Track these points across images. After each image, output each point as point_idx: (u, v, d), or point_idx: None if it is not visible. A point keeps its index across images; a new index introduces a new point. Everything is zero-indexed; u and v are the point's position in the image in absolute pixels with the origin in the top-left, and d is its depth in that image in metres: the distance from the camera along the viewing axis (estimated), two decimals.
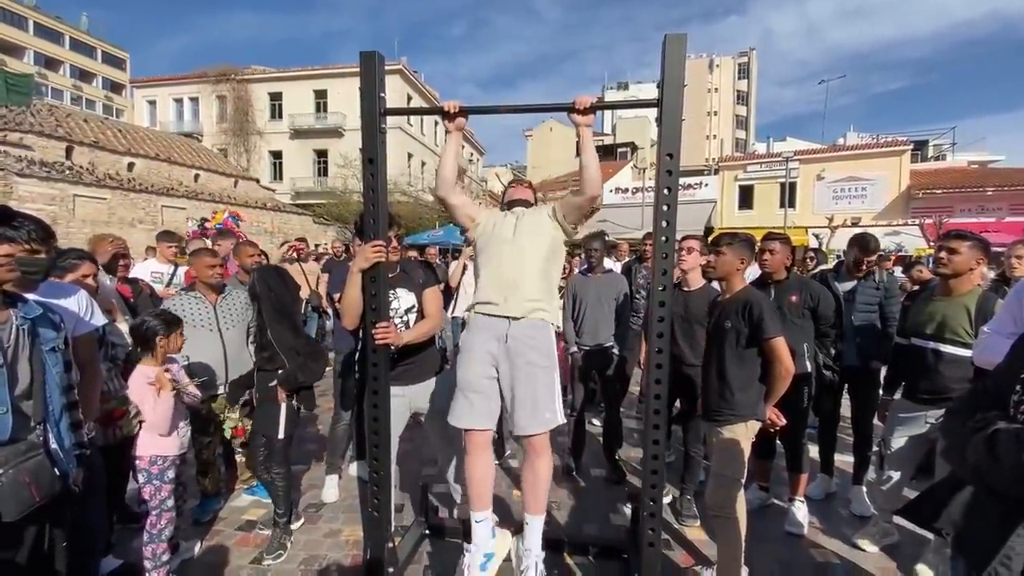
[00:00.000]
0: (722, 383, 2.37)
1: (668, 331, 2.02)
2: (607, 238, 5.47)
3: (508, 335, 2.02)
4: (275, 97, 30.43)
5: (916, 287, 3.79)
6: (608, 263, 6.26)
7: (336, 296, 3.27)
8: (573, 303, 3.76)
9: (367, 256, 2.19)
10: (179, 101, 31.96)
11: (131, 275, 3.93)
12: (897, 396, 2.84)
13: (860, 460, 3.34)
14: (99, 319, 2.20)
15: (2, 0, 37.82)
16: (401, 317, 2.58)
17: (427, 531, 2.81)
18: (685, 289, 3.11)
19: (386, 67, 2.32)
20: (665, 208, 1.98)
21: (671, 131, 1.96)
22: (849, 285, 3.40)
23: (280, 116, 30.25)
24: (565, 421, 2.12)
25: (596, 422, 4.49)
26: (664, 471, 2.10)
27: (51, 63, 40.86)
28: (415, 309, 2.60)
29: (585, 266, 4.01)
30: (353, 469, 3.59)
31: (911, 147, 21.63)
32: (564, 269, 4.71)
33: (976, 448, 0.96)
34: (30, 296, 1.89)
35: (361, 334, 2.43)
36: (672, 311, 2.05)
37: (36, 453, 1.36)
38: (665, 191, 1.98)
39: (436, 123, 32.08)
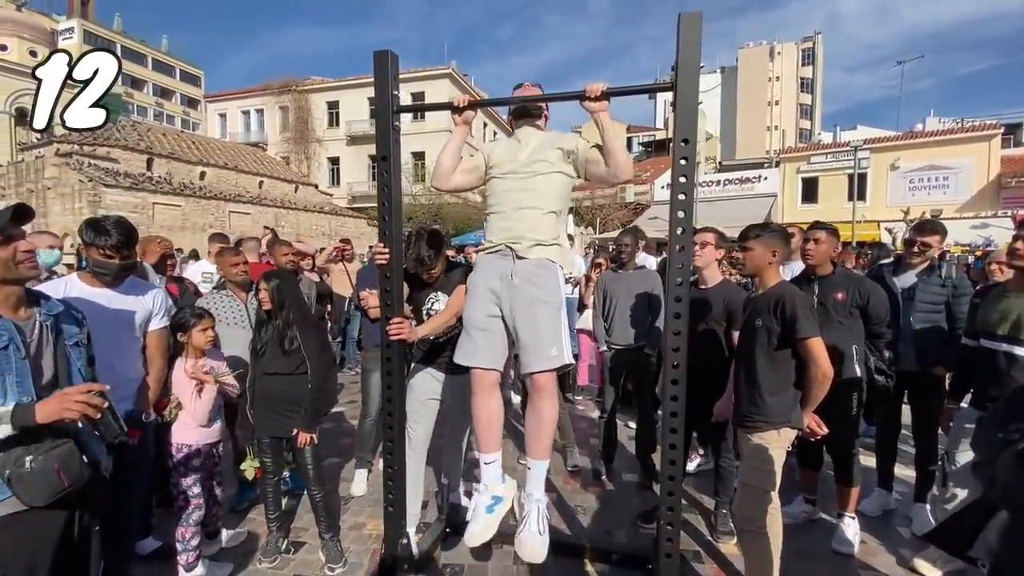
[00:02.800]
0: (752, 387, 2.19)
1: (686, 330, 1.89)
2: (653, 234, 5.29)
3: (512, 272, 1.95)
4: (332, 105, 31.78)
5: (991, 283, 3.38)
6: (650, 261, 6.04)
7: (361, 292, 3.35)
8: (604, 300, 3.64)
9: (376, 259, 2.26)
10: (246, 113, 34.07)
11: (183, 275, 4.20)
12: (964, 404, 2.55)
13: (923, 475, 3.01)
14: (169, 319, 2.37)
15: (94, 27, 41.74)
16: None
17: (448, 528, 2.81)
18: (702, 287, 2.91)
19: (435, 71, 2.31)
20: (681, 197, 1.86)
21: (687, 116, 1.84)
22: (909, 281, 3.03)
23: (337, 124, 31.59)
24: (572, 362, 2.01)
25: (631, 424, 4.33)
26: (682, 479, 1.97)
27: (136, 83, 44.66)
28: None
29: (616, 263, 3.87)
30: (382, 464, 3.65)
31: (1002, 131, 19.52)
32: (600, 267, 4.60)
33: (1006, 464, 0.81)
34: (113, 292, 2.09)
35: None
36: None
37: (64, 441, 1.41)
38: (681, 179, 1.86)
39: (484, 124, 32.36)
